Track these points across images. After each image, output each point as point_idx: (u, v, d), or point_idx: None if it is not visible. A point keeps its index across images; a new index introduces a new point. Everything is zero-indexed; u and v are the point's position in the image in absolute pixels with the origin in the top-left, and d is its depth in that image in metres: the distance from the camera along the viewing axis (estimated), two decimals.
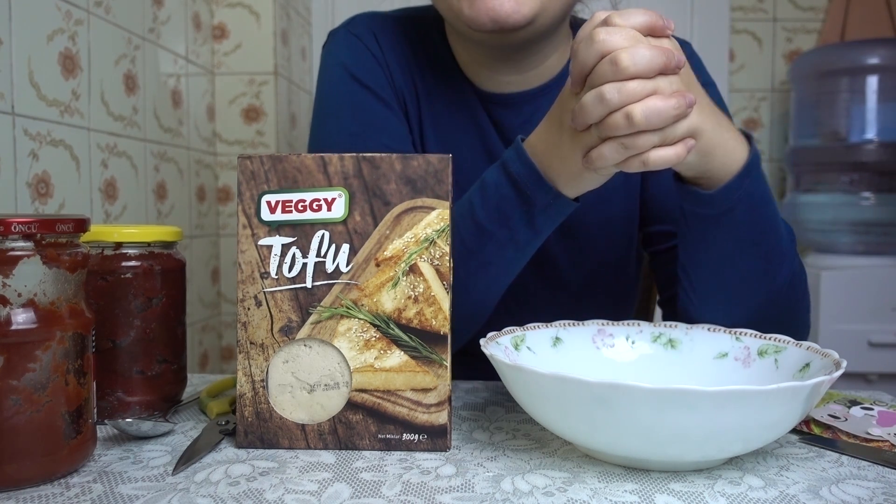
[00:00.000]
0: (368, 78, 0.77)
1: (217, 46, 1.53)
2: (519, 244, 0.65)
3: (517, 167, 0.62)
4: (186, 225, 1.41)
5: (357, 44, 0.78)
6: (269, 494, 0.45)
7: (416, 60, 0.80)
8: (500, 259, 0.65)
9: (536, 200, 0.61)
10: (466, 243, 0.65)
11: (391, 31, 0.80)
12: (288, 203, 0.53)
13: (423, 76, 0.79)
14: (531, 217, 0.63)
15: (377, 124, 0.75)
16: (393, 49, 0.79)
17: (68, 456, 0.47)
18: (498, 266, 0.66)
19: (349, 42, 0.79)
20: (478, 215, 0.64)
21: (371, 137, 0.74)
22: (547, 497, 0.45)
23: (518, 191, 0.62)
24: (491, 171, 0.65)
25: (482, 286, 0.67)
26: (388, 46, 0.79)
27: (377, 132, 0.75)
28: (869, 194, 1.73)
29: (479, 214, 0.64)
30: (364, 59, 0.77)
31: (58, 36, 0.95)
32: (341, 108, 0.76)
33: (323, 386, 0.53)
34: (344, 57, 0.78)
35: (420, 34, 0.81)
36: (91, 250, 0.54)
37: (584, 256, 0.81)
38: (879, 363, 1.62)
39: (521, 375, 0.48)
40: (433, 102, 0.79)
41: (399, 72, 0.78)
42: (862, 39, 1.80)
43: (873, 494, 0.46)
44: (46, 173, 0.93)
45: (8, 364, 0.44)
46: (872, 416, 0.58)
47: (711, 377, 0.60)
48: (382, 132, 0.75)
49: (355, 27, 0.80)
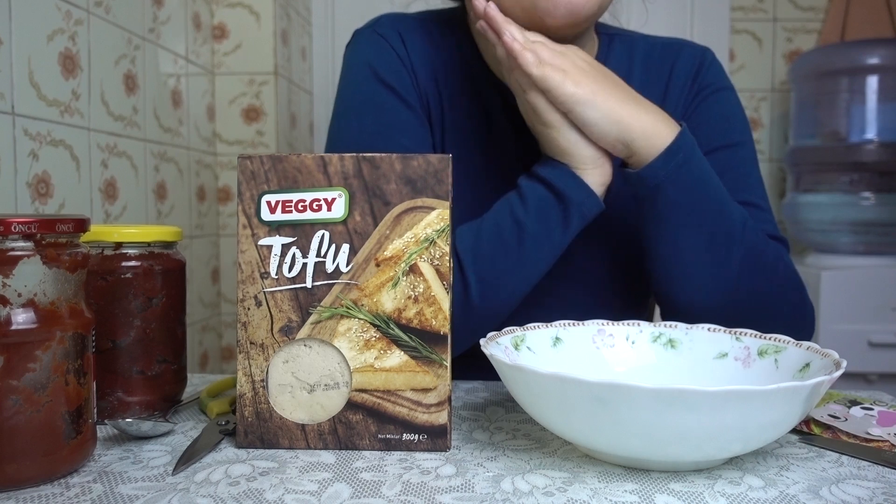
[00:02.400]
0: (393, 79, 0.77)
1: (217, 46, 1.53)
2: (553, 243, 0.69)
3: (548, 171, 0.68)
4: (186, 225, 1.41)
5: (382, 44, 0.79)
6: (269, 494, 0.45)
7: (440, 62, 0.80)
8: (536, 257, 0.69)
9: (573, 198, 0.67)
10: (505, 240, 0.68)
11: (416, 33, 0.80)
12: (288, 203, 0.53)
13: (447, 78, 0.80)
14: (568, 215, 0.68)
15: (399, 125, 0.76)
16: (418, 50, 0.79)
17: (68, 456, 0.47)
18: (532, 264, 0.69)
19: (375, 42, 0.79)
20: (517, 213, 0.68)
21: (391, 138, 0.75)
22: (547, 497, 0.45)
23: (554, 191, 0.67)
24: (524, 178, 0.70)
25: (514, 284, 0.69)
26: (414, 48, 0.79)
27: (398, 133, 0.75)
28: (869, 194, 1.73)
29: (518, 213, 0.68)
30: (389, 59, 0.78)
31: (58, 36, 0.95)
32: (364, 107, 0.77)
33: (323, 386, 0.53)
34: (369, 57, 0.78)
35: (444, 35, 0.82)
36: (91, 250, 0.54)
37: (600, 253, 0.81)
38: (879, 363, 1.62)
39: (521, 375, 0.48)
40: (455, 105, 0.80)
41: (423, 73, 0.79)
42: (862, 39, 1.80)
43: (873, 494, 0.46)
44: (46, 173, 0.93)
45: (8, 364, 0.44)
46: (872, 416, 0.58)
47: (711, 377, 0.60)
48: (403, 133, 0.76)
49: (381, 27, 0.80)
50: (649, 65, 0.82)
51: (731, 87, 0.82)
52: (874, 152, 1.73)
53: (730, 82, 0.83)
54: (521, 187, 0.69)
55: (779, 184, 2.03)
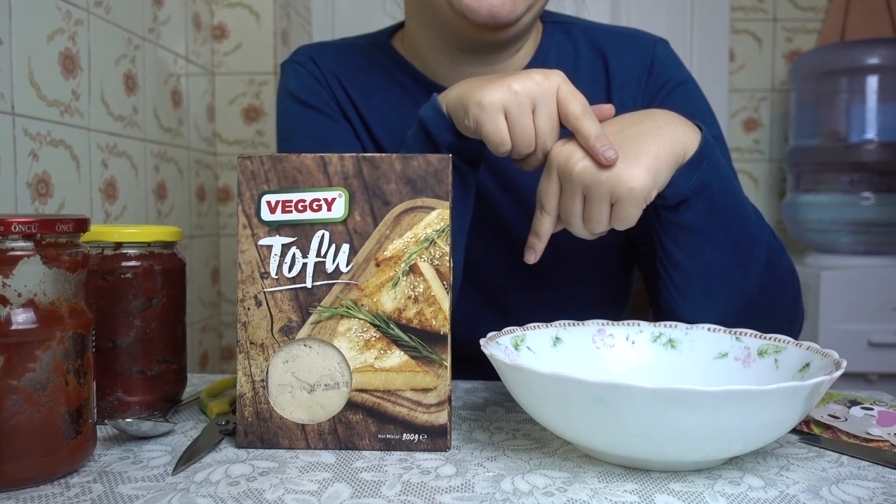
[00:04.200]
0: (313, 98, 0.83)
1: (217, 46, 1.53)
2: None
3: (426, 111, 0.66)
4: (186, 225, 1.41)
5: (299, 70, 0.85)
6: (269, 494, 0.45)
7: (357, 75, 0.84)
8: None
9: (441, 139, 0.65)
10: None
11: (329, 54, 0.86)
12: (288, 203, 0.53)
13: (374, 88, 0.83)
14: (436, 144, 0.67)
15: (329, 139, 0.81)
16: (331, 68, 0.84)
17: (68, 456, 0.47)
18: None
19: (293, 70, 0.85)
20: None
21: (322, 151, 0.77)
22: (547, 497, 0.45)
23: (426, 133, 0.66)
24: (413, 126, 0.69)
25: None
26: (327, 67, 0.84)
27: (329, 147, 0.79)
28: (869, 194, 1.73)
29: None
30: (307, 82, 0.84)
31: (58, 36, 0.95)
32: (293, 132, 0.83)
33: (323, 386, 0.53)
34: (290, 85, 0.84)
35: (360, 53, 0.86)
36: (91, 250, 0.54)
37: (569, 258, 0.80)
38: (879, 363, 1.61)
39: (521, 375, 0.48)
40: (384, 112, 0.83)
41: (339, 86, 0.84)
42: (862, 39, 1.79)
43: (873, 494, 0.46)
44: (46, 173, 0.93)
45: (8, 364, 0.44)
46: (872, 416, 0.58)
47: (711, 377, 0.60)
48: (333, 146, 0.80)
49: (297, 56, 0.87)
50: (595, 54, 0.81)
51: (691, 79, 0.81)
52: (874, 152, 1.73)
53: (688, 73, 0.81)
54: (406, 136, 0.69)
55: (779, 184, 2.03)
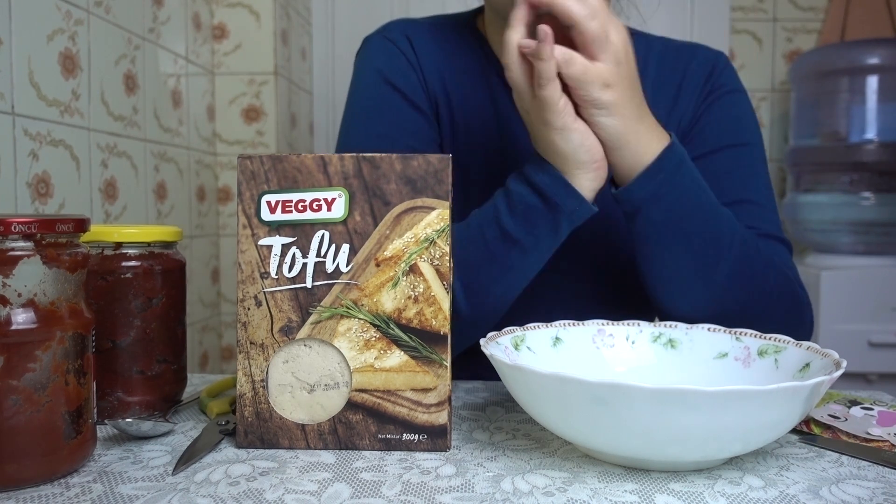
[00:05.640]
0: (401, 82, 0.78)
1: (217, 46, 1.53)
2: (541, 250, 0.67)
3: (540, 177, 0.64)
4: (186, 225, 1.41)
5: (392, 48, 0.80)
6: (269, 494, 0.45)
7: (451, 63, 0.81)
8: (523, 264, 0.67)
9: (565, 206, 0.64)
10: (491, 248, 0.66)
11: (426, 36, 0.82)
12: (288, 203, 0.53)
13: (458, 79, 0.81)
14: (558, 224, 0.65)
15: (406, 127, 0.77)
16: (427, 53, 0.80)
17: (68, 456, 0.47)
18: (520, 271, 0.68)
19: (384, 47, 0.81)
20: (504, 222, 0.66)
21: (398, 139, 0.76)
22: (547, 497, 0.45)
23: (544, 199, 0.64)
24: (514, 181, 0.67)
25: (501, 291, 0.69)
26: (423, 50, 0.80)
27: (405, 134, 0.76)
28: (869, 194, 1.73)
29: (504, 221, 0.66)
30: (398, 63, 0.79)
31: (58, 36, 0.95)
32: (371, 111, 0.78)
33: (323, 386, 0.53)
34: (379, 62, 0.80)
35: (455, 37, 0.82)
36: (91, 250, 0.54)
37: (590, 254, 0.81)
38: (879, 363, 1.61)
39: (521, 375, 0.48)
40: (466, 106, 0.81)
41: (433, 76, 0.80)
42: (862, 39, 1.79)
43: (873, 494, 0.46)
44: (46, 173, 0.93)
45: (8, 364, 0.44)
46: (872, 416, 0.58)
47: (711, 377, 0.60)
48: (411, 135, 0.77)
49: (390, 32, 0.82)
50: (664, 65, 0.82)
51: (744, 91, 0.82)
52: (874, 152, 1.73)
53: (742, 86, 0.83)
54: (511, 192, 0.66)
55: (779, 184, 2.03)
